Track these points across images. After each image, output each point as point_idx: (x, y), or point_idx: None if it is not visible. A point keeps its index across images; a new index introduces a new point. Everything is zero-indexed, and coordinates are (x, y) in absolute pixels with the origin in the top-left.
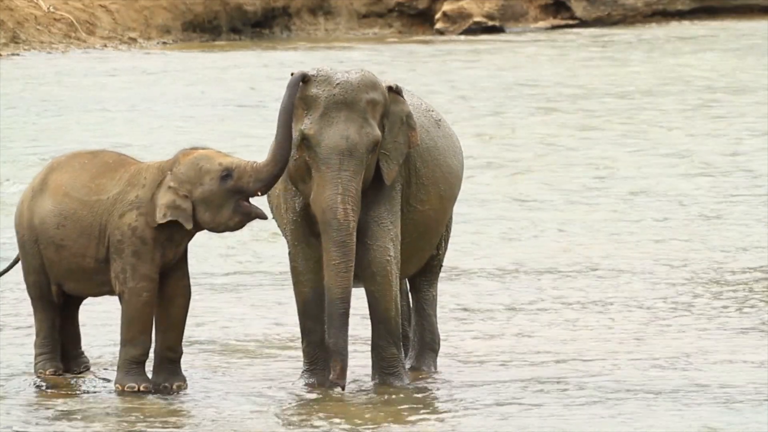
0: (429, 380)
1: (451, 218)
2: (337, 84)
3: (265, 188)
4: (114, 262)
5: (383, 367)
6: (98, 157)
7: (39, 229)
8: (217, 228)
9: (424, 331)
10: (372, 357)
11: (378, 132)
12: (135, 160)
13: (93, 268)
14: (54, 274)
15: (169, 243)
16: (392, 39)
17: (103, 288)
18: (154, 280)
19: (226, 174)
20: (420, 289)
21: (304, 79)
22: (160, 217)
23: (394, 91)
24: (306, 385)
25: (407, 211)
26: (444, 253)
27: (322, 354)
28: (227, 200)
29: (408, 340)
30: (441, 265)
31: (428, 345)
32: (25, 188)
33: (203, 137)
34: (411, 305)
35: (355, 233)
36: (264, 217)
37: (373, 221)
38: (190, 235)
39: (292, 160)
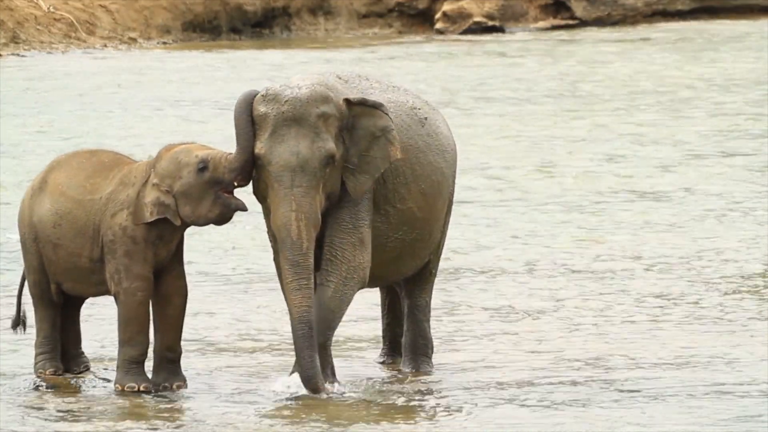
0: (427, 381)
1: (446, 226)
2: (286, 101)
3: (240, 177)
4: (108, 262)
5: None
6: (96, 156)
7: (38, 227)
8: (199, 221)
9: (416, 337)
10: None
11: (332, 145)
12: (131, 160)
13: (89, 268)
14: (53, 273)
15: (160, 241)
16: (392, 39)
17: (100, 288)
18: (147, 279)
19: (203, 166)
20: (412, 295)
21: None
22: (148, 216)
23: (366, 105)
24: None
25: (387, 211)
26: (437, 262)
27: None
28: (206, 192)
29: (399, 345)
30: (433, 273)
31: (420, 350)
32: (27, 187)
33: (204, 137)
34: (404, 311)
35: (310, 252)
36: (244, 208)
37: (336, 222)
38: (180, 231)
39: (253, 179)
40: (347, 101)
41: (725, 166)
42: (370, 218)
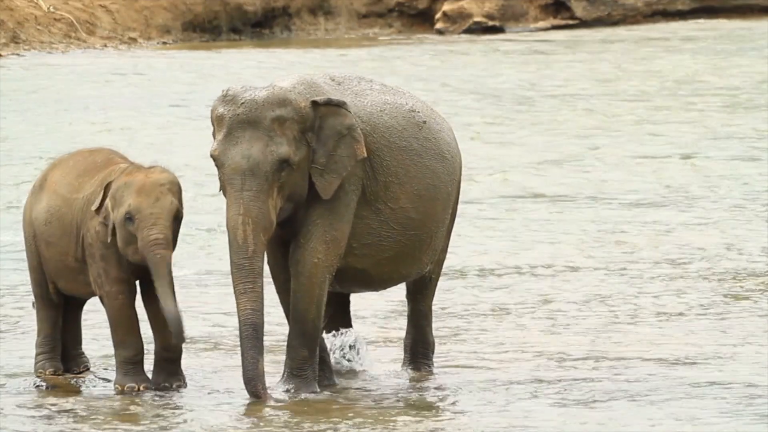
0: (427, 382)
1: (449, 232)
2: (242, 103)
3: (142, 261)
4: (90, 266)
5: (292, 368)
6: (93, 155)
7: (35, 225)
8: (126, 256)
9: (416, 342)
10: (285, 355)
11: (286, 149)
12: (123, 160)
13: (76, 267)
14: (48, 272)
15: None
16: (392, 39)
17: (89, 288)
18: (126, 281)
19: (128, 217)
20: (414, 300)
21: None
22: (101, 216)
23: (332, 105)
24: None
25: (379, 209)
26: (439, 267)
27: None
28: (131, 238)
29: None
30: (433, 279)
31: (420, 353)
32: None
33: (203, 137)
34: (407, 315)
35: (257, 256)
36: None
37: (311, 221)
38: None
39: (219, 177)
40: (314, 103)
41: None
42: (351, 216)
